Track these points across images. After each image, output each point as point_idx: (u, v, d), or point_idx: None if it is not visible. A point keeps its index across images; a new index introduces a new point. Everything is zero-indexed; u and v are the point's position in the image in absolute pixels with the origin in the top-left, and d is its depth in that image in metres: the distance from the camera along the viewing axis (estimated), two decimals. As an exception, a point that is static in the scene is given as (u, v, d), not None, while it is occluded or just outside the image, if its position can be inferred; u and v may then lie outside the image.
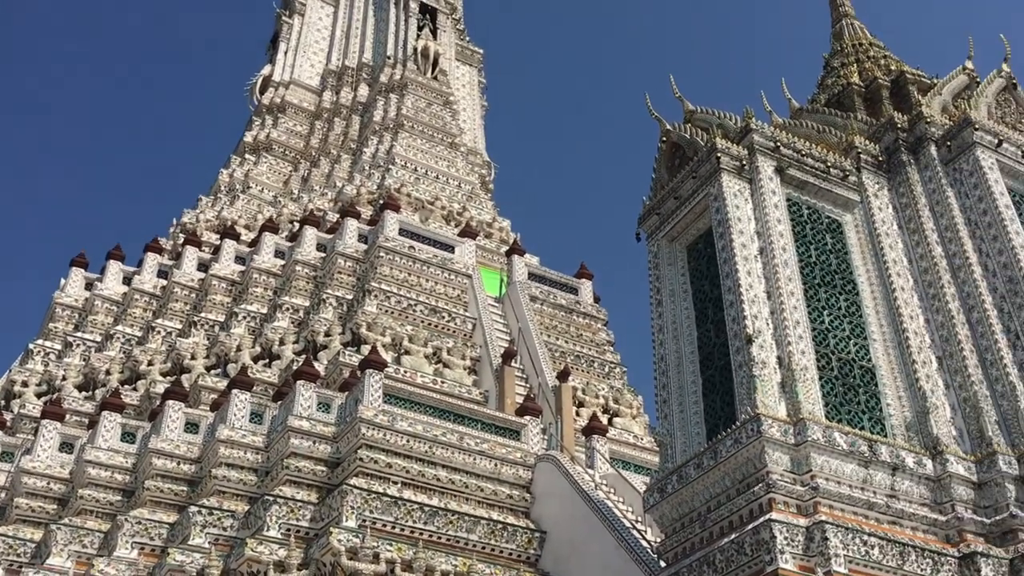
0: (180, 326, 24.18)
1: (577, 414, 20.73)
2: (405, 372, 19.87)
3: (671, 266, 14.09)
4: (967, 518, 11.16)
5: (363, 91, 34.15)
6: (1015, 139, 14.23)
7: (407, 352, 20.81)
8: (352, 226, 24.88)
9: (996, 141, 13.96)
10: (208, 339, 23.17)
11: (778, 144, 13.72)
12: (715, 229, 13.17)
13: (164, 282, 25.65)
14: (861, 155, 14.30)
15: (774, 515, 10.36)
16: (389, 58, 34.77)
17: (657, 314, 13.82)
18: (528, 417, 18.48)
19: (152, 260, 26.29)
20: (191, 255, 25.96)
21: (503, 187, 50.70)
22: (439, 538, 15.73)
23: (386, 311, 22.04)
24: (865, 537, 10.45)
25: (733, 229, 12.79)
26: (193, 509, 16.00)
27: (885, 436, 11.85)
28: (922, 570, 10.56)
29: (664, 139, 14.72)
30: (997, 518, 11.20)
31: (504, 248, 26.55)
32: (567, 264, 29.11)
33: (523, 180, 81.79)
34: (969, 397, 12.18)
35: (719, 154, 13.30)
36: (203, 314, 23.93)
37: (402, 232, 24.27)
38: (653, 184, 14.77)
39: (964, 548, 10.86)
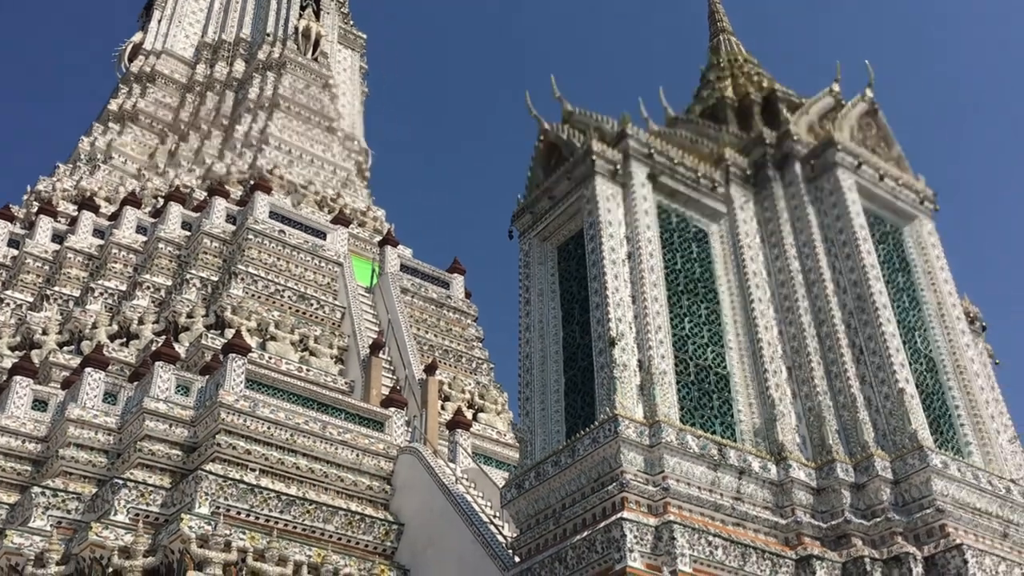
0: (31, 299, 23.09)
1: (442, 408, 20.76)
2: (270, 358, 19.51)
3: (542, 265, 14.25)
4: (805, 522, 11.66)
5: (239, 67, 33.25)
6: (874, 162, 14.93)
7: (273, 338, 20.43)
8: (220, 205, 24.23)
9: (856, 163, 14.62)
10: (61, 314, 22.20)
11: (652, 151, 14.04)
12: (586, 231, 13.38)
13: (15, 252, 24.42)
14: (730, 168, 14.77)
15: (626, 514, 10.60)
16: (268, 35, 33.94)
17: (525, 312, 13.95)
18: (393, 409, 18.41)
19: (2, 228, 25.00)
20: (45, 225, 24.79)
21: (380, 176, 50.31)
22: (295, 528, 15.52)
23: (252, 295, 21.56)
24: (710, 538, 10.80)
25: (604, 232, 13.02)
26: (36, 490, 15.31)
27: (735, 441, 12.28)
28: (761, 571, 10.98)
29: (542, 138, 14.86)
30: (833, 523, 11.74)
31: (377, 238, 26.32)
32: (440, 258, 29.10)
33: (400, 170, 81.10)
34: (814, 407, 12.73)
35: (594, 157, 13.51)
36: (56, 288, 22.91)
37: (273, 215, 23.77)
38: (528, 182, 14.89)
39: (801, 551, 11.35)
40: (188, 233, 24.05)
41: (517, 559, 12.35)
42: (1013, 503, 12.27)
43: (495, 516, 15.72)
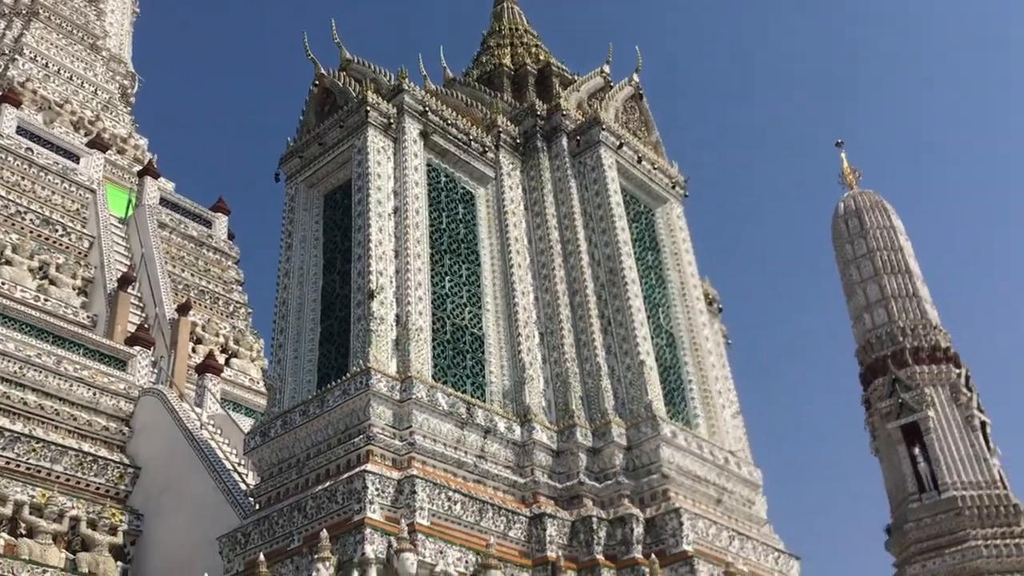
0: None
1: (193, 350, 20.08)
2: (3, 284, 18.09)
3: (307, 211, 14.01)
4: (543, 482, 12.17)
5: (-5, -34, 30.33)
6: (634, 144, 15.62)
7: (8, 263, 18.93)
8: (-39, 115, 22.09)
9: (618, 143, 15.24)
10: None
11: (427, 109, 14.06)
12: (354, 182, 13.25)
13: None
14: (501, 134, 15.03)
15: (369, 466, 10.67)
16: (31, -64, 31.12)
17: (286, 258, 13.71)
18: (138, 348, 17.60)
19: None
20: None
21: (146, 103, 47.55)
22: (18, 466, 14.59)
23: (-11, 215, 19.89)
24: (450, 493, 11.05)
25: (372, 185, 12.94)
26: None
27: (484, 401, 12.60)
28: (496, 526, 11.37)
29: (317, 83, 14.56)
30: (568, 484, 12.31)
31: (137, 167, 24.88)
32: (205, 195, 27.91)
33: (169, 100, 76.68)
34: (562, 373, 13.26)
35: (368, 108, 13.38)
36: None
37: (20, 131, 21.92)
38: (300, 126, 14.57)
39: (536, 509, 11.84)
40: (-81, 141, 21.81)
41: (257, 506, 12.18)
42: (729, 472, 13.29)
43: (240, 464, 15.40)
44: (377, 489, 10.53)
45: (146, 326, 19.34)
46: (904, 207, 31.37)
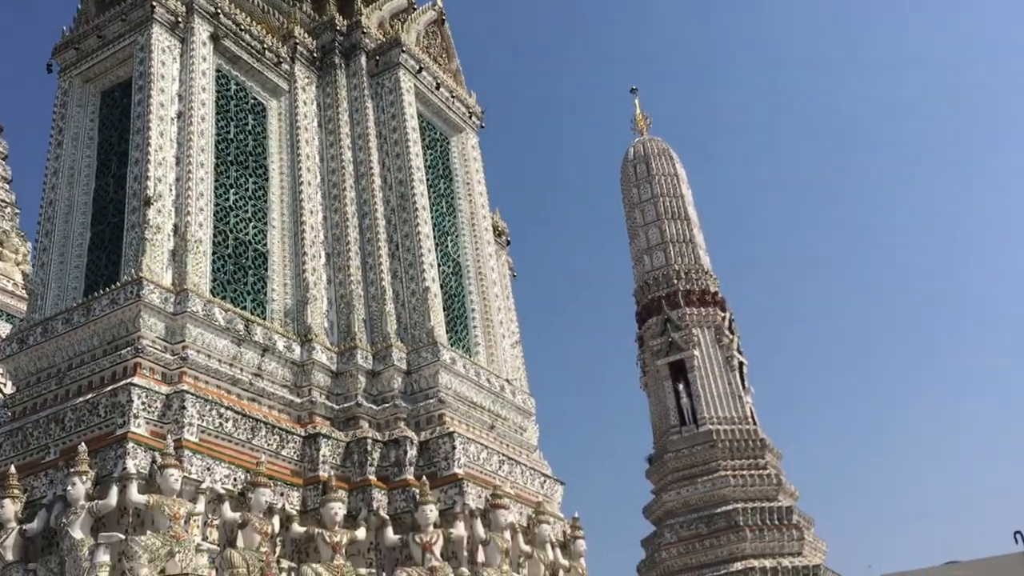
0: None
1: (-53, 249, 18.58)
2: None
3: (81, 108, 13.14)
4: (319, 403, 12.13)
5: None
6: (434, 70, 15.50)
7: None
8: None
9: (418, 67, 15.07)
10: None
11: (219, 11, 13.42)
12: (136, 81, 12.54)
13: None
14: (298, 46, 14.55)
15: (136, 380, 10.28)
16: None
17: (55, 156, 12.87)
18: None
19: None
20: None
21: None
22: None
23: None
24: (222, 410, 10.83)
25: (154, 86, 12.27)
26: None
27: (265, 319, 12.37)
28: (269, 445, 11.26)
29: (99, -31, 13.55)
30: (345, 405, 12.33)
31: None
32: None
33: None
34: (346, 294, 13.16)
35: (154, 4, 12.65)
36: None
37: None
38: (78, 15, 13.59)
39: (311, 429, 11.81)
40: None
41: (11, 416, 11.51)
42: (504, 400, 13.69)
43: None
44: (143, 403, 10.18)
45: None
46: (685, 154, 32.71)
